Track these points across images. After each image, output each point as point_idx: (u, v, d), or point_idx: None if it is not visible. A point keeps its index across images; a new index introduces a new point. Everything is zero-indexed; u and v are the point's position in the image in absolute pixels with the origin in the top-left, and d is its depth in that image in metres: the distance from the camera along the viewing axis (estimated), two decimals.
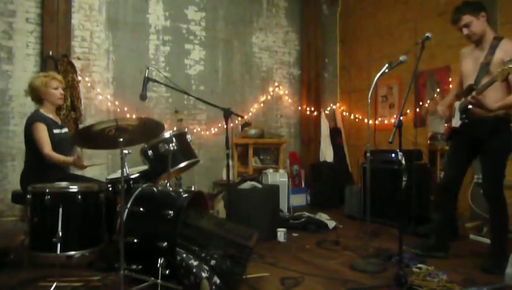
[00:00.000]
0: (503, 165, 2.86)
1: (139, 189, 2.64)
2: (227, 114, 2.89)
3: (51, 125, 3.07)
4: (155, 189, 2.67)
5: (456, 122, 3.02)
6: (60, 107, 3.68)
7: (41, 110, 3.13)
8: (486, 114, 2.81)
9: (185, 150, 3.07)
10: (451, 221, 3.38)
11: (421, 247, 3.20)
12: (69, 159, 3.00)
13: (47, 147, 2.97)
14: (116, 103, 4.91)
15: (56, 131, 3.11)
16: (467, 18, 2.86)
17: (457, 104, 3.05)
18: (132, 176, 2.93)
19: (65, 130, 3.23)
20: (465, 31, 2.90)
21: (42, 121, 3.02)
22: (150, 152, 2.92)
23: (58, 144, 3.05)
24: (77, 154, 3.05)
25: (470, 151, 3.03)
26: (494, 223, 2.92)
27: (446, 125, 3.17)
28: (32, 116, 3.08)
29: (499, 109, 2.72)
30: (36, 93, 3.12)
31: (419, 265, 2.81)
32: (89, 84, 4.78)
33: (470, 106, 2.84)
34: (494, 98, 2.73)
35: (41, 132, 2.98)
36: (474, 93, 2.68)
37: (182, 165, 3.02)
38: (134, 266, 2.38)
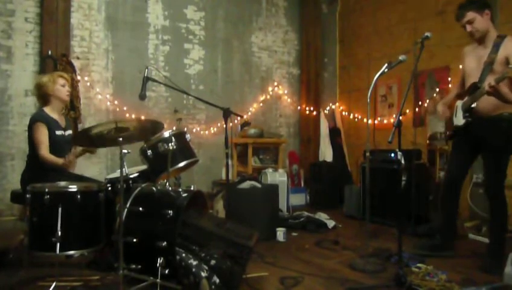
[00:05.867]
0: (506, 164, 2.87)
1: (138, 189, 2.64)
2: (227, 113, 2.89)
3: (53, 126, 3.03)
4: (154, 188, 2.66)
5: (459, 120, 3.01)
6: None
7: (46, 110, 3.08)
8: (490, 113, 2.81)
9: (184, 149, 3.06)
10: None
11: (426, 247, 3.19)
12: (60, 160, 2.94)
13: (43, 148, 2.93)
14: (116, 102, 4.90)
15: (58, 132, 3.06)
16: (470, 15, 2.85)
17: (459, 103, 3.03)
18: (131, 176, 2.92)
19: (69, 132, 3.18)
20: (468, 27, 2.88)
21: (44, 122, 2.98)
22: (149, 152, 2.90)
23: (59, 145, 3.01)
24: (68, 158, 2.97)
25: (473, 150, 3.03)
26: (493, 222, 2.93)
27: (447, 126, 3.16)
28: (35, 115, 3.05)
29: None
30: (44, 91, 3.07)
31: (418, 265, 2.81)
32: (88, 84, 4.78)
33: (474, 105, 2.84)
34: (493, 98, 2.72)
35: (40, 132, 2.95)
36: (492, 82, 2.60)
37: (181, 164, 3.00)
38: (134, 266, 2.37)
